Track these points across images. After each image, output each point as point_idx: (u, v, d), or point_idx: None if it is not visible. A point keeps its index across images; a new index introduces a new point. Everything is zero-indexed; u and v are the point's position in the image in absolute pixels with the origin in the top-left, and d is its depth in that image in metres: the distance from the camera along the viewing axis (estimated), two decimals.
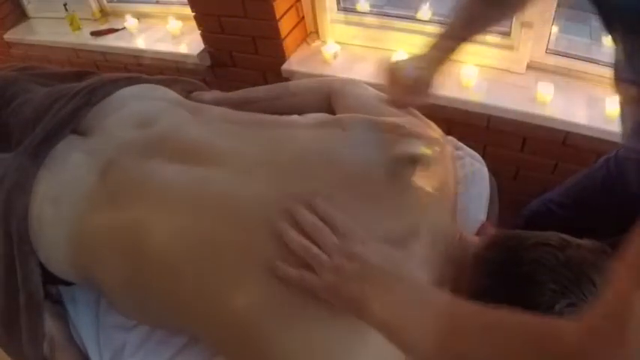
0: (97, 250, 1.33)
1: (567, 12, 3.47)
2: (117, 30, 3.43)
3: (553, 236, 1.16)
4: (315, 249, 1.07)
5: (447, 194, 1.38)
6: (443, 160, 1.42)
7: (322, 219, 1.11)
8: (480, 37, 1.58)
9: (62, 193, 1.39)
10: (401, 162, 1.27)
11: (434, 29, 2.56)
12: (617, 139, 2.14)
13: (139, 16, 3.44)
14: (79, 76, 1.75)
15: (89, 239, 1.34)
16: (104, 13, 3.64)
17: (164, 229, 1.24)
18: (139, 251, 1.25)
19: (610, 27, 1.40)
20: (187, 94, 1.81)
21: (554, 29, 2.45)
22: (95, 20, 3.59)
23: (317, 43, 2.89)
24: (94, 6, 3.56)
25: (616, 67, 1.48)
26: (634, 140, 1.55)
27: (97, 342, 1.46)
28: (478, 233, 1.53)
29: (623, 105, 1.60)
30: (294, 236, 1.09)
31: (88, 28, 3.54)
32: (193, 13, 2.82)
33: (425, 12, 2.72)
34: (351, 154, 1.32)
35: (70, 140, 1.49)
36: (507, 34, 2.45)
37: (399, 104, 1.54)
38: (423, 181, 1.26)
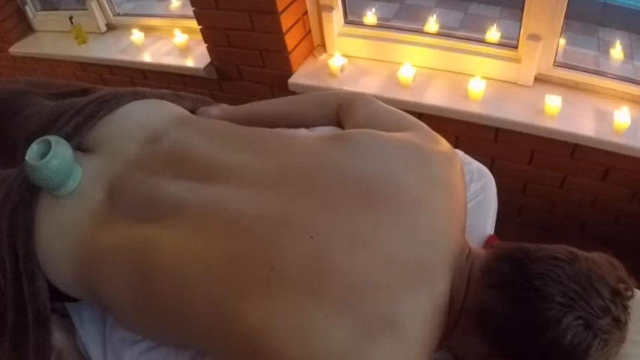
0: (102, 267, 1.32)
1: (575, 25, 3.47)
2: None
3: (561, 249, 1.16)
4: None
5: (456, 208, 1.37)
6: (452, 173, 1.42)
7: None
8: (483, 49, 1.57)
9: (67, 211, 1.38)
10: None
11: (441, 42, 2.58)
12: (625, 152, 2.13)
13: (145, 29, 3.44)
14: (85, 91, 1.74)
15: (95, 257, 1.34)
16: (110, 27, 3.64)
17: (175, 248, 1.24)
18: (147, 270, 1.25)
19: None
20: (194, 108, 1.81)
21: (562, 42, 2.44)
22: (101, 34, 3.60)
23: (324, 56, 2.89)
24: (100, 19, 3.56)
25: None
26: None
27: (103, 356, 1.46)
28: (485, 246, 1.53)
29: None
30: None
31: (93, 42, 3.55)
32: (200, 27, 2.82)
33: (432, 25, 2.72)
34: (360, 169, 1.31)
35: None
36: (515, 46, 2.45)
37: None
38: None
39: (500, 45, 2.53)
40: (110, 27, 3.65)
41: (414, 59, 2.63)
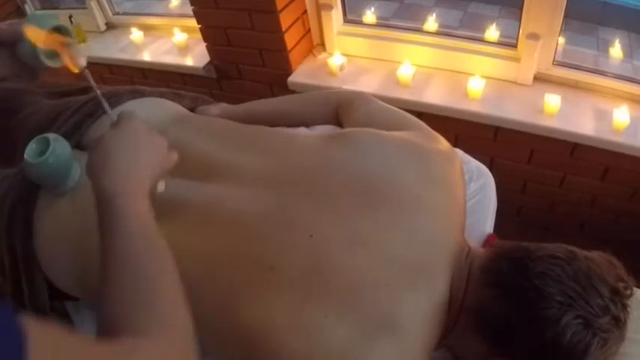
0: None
1: (574, 24, 3.47)
2: None
3: (560, 248, 1.16)
4: None
5: (455, 208, 1.37)
6: (451, 172, 1.42)
7: None
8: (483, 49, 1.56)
9: (65, 209, 1.38)
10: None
11: (440, 41, 2.58)
12: (624, 151, 2.14)
13: (145, 28, 3.44)
14: (84, 89, 1.74)
15: (94, 255, 1.33)
16: (110, 26, 3.64)
17: (175, 247, 1.23)
18: None
19: None
20: (193, 107, 1.81)
21: (561, 41, 2.44)
22: (101, 33, 3.59)
23: (323, 55, 2.89)
24: (100, 18, 3.56)
25: None
26: None
27: None
28: (485, 245, 1.53)
29: None
30: None
31: (93, 41, 3.55)
32: (199, 26, 2.82)
33: (431, 24, 2.72)
34: (360, 168, 1.31)
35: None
36: (514, 45, 2.45)
37: None
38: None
39: (499, 44, 2.53)
40: (110, 26, 3.65)
41: (414, 58, 2.63)
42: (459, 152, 1.65)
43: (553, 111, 2.28)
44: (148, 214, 1.03)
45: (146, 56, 3.29)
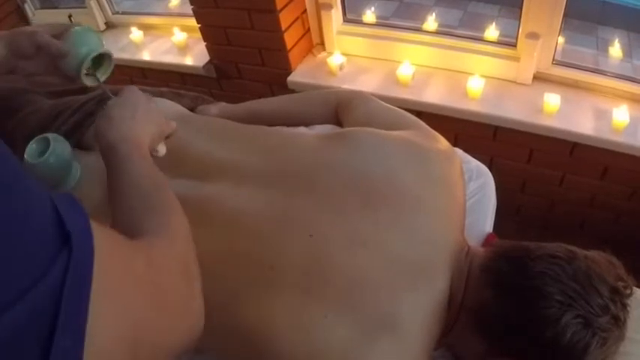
0: None
1: (574, 23, 3.47)
2: None
3: (560, 248, 1.16)
4: None
5: (455, 207, 1.37)
6: (451, 172, 1.42)
7: None
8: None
9: None
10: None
11: (440, 40, 2.58)
12: (624, 150, 2.14)
13: (144, 27, 3.43)
14: (84, 89, 1.74)
15: None
16: (109, 25, 3.63)
17: None
18: None
19: None
20: (193, 107, 1.80)
21: (561, 40, 2.44)
22: (100, 32, 3.58)
23: (323, 54, 2.89)
24: (99, 18, 3.56)
25: None
26: None
27: None
28: (484, 244, 1.53)
29: None
30: None
31: None
32: (199, 25, 2.82)
33: (431, 23, 2.72)
34: (359, 168, 1.31)
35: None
36: (514, 45, 2.45)
37: None
38: None
39: (499, 43, 2.53)
40: (109, 25, 3.64)
41: (413, 57, 2.63)
42: (459, 152, 1.65)
43: (552, 110, 2.28)
44: (152, 162, 1.09)
45: (146, 56, 3.28)
